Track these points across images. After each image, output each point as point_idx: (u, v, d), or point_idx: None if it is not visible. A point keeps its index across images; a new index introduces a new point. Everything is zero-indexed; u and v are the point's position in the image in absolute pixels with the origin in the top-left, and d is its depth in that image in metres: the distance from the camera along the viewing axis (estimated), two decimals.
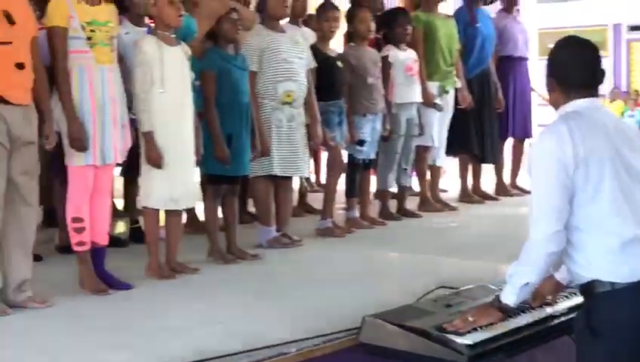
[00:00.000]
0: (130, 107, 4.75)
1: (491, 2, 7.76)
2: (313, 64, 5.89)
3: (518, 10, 8.07)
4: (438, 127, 7.05)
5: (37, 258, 4.71)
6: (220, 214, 5.37)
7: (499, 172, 7.93)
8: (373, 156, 6.47)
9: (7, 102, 4.05)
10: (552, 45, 3.26)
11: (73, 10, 4.40)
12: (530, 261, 3.03)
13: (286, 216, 5.86)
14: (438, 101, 6.98)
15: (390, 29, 6.71)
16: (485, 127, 7.49)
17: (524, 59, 8.04)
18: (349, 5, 6.61)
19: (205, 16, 5.18)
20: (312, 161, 7.38)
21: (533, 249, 3.01)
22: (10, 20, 4.05)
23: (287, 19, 6.19)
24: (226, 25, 5.16)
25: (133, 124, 4.76)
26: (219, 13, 5.15)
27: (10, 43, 4.06)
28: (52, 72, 4.42)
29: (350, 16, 6.39)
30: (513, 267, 3.10)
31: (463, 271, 4.70)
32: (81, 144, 4.40)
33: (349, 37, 6.46)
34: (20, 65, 4.10)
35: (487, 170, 7.86)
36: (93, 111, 4.44)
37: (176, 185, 4.80)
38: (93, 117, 4.44)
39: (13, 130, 4.09)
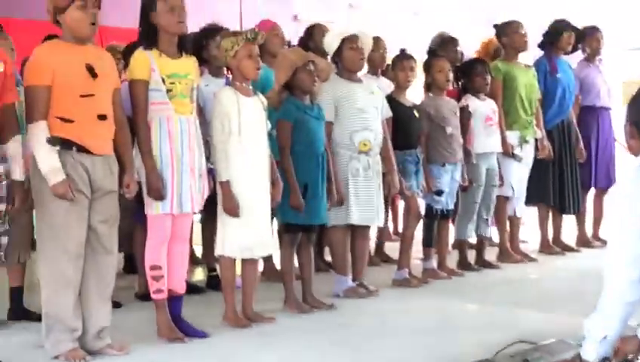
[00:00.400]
0: (208, 157, 4.82)
1: (572, 52, 7.68)
2: (389, 114, 5.91)
3: (600, 59, 7.96)
4: (518, 177, 6.99)
5: (116, 304, 4.79)
6: (296, 263, 5.38)
7: (580, 223, 7.79)
8: (451, 206, 6.43)
9: (89, 152, 4.16)
10: None
11: (155, 64, 4.49)
12: (606, 312, 2.95)
13: (362, 266, 5.85)
14: (517, 151, 6.93)
15: (469, 78, 6.72)
16: (565, 177, 7.39)
17: (606, 109, 7.92)
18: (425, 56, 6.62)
19: (282, 68, 5.24)
20: (389, 210, 7.37)
21: (609, 299, 2.94)
22: (93, 74, 4.17)
23: (366, 69, 6.23)
24: (302, 76, 5.22)
25: (211, 173, 4.82)
26: (296, 64, 5.21)
27: (93, 95, 4.17)
28: (133, 122, 4.52)
29: (428, 67, 6.41)
30: (591, 319, 3.02)
31: (543, 325, 4.61)
32: (159, 193, 4.48)
33: (427, 87, 6.47)
34: (102, 117, 4.21)
35: (569, 221, 7.72)
36: (171, 161, 4.52)
37: (252, 234, 4.84)
38: (172, 166, 4.52)
39: (95, 179, 4.19)
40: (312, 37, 6.61)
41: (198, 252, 6.70)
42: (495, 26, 7.23)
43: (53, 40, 4.34)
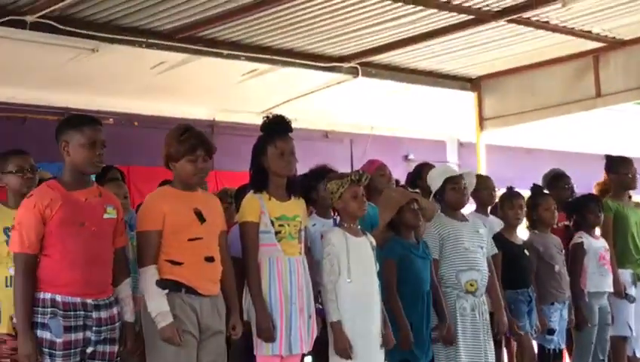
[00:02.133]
0: (316, 297, 4.85)
1: None
2: (494, 251, 5.88)
3: None
4: (635, 316, 6.75)
5: None
6: None
7: None
8: (562, 345, 6.26)
9: (197, 293, 4.27)
10: None
11: (264, 207, 4.64)
12: None
13: None
14: (631, 291, 6.73)
15: (581, 215, 6.64)
16: None
17: None
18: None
19: (386, 207, 5.30)
20: (504, 351, 7.18)
21: None
22: (201, 218, 4.34)
23: (474, 208, 6.23)
24: (407, 215, 5.27)
25: (320, 313, 4.85)
26: (399, 203, 5.27)
27: (201, 238, 4.32)
28: (243, 263, 4.62)
29: (534, 204, 6.37)
30: None
31: None
32: (268, 334, 4.52)
33: (532, 224, 6.41)
34: (210, 259, 4.34)
35: None
36: (280, 302, 4.58)
37: None
38: (281, 307, 4.58)
39: (202, 320, 4.27)
40: (420, 176, 6.66)
41: None
42: (607, 157, 7.16)
43: (164, 186, 4.55)
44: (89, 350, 3.99)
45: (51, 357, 3.88)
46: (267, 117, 4.81)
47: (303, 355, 4.94)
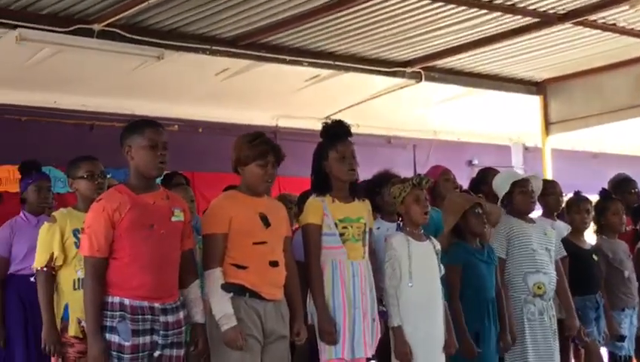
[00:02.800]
0: (380, 300, 4.84)
1: None
2: (562, 253, 5.80)
3: None
4: None
5: None
6: None
7: None
8: (632, 352, 6.14)
9: (261, 298, 4.29)
10: None
11: (327, 209, 4.65)
12: None
13: None
14: None
15: None
16: None
17: None
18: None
19: (450, 212, 5.27)
20: (572, 358, 7.07)
21: None
22: (267, 223, 4.37)
23: (541, 213, 6.16)
24: (471, 219, 5.22)
25: (383, 316, 4.83)
26: (463, 207, 5.23)
27: (266, 243, 4.35)
28: (306, 267, 4.64)
29: (602, 209, 6.28)
30: None
31: None
32: (331, 338, 4.53)
33: (600, 229, 6.31)
34: (274, 263, 4.36)
35: None
36: (343, 306, 4.58)
37: None
38: (344, 311, 4.57)
39: (266, 324, 4.30)
40: (485, 181, 6.61)
41: None
42: None
43: (230, 191, 4.58)
44: (156, 354, 4.02)
45: (119, 361, 3.93)
46: (326, 122, 4.84)
47: (367, 359, 4.92)
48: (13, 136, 8.77)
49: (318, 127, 4.90)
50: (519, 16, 7.93)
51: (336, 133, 4.78)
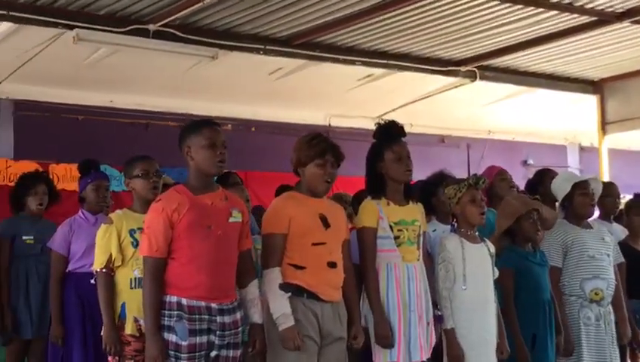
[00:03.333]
0: (435, 303, 4.81)
1: None
2: (620, 259, 5.71)
3: None
4: None
5: None
6: None
7: None
8: None
9: (319, 299, 4.29)
10: None
11: (382, 212, 4.62)
12: None
13: None
14: None
15: None
16: None
17: None
18: None
19: (505, 214, 5.20)
20: None
21: None
22: (326, 224, 4.37)
23: (597, 215, 6.06)
24: (525, 224, 5.14)
25: (440, 321, 4.80)
26: (519, 212, 5.15)
27: (325, 243, 4.34)
28: (361, 269, 4.61)
29: None
30: None
31: None
32: (387, 341, 4.50)
33: None
34: (332, 265, 4.35)
35: None
36: (399, 308, 4.55)
37: None
38: (399, 314, 4.55)
39: (324, 325, 4.29)
40: (542, 182, 6.52)
41: None
42: None
43: (290, 191, 4.58)
44: (213, 354, 4.03)
45: (177, 360, 3.94)
46: (379, 123, 4.81)
47: None
48: (70, 134, 8.91)
49: (371, 126, 4.88)
50: (576, 15, 7.84)
51: (390, 133, 4.75)
